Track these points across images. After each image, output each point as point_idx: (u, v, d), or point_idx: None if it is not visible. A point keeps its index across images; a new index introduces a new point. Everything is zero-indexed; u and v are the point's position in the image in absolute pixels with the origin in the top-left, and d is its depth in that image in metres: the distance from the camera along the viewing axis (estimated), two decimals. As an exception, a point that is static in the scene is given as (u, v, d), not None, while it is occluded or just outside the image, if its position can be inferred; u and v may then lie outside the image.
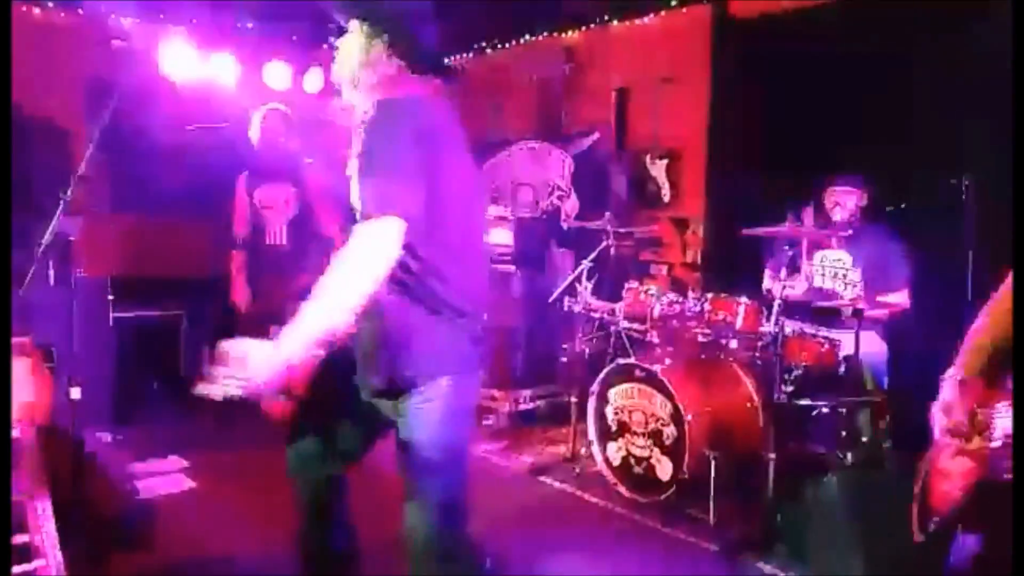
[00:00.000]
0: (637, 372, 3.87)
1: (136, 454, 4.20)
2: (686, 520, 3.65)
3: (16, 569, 2.62)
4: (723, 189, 5.28)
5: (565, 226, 5.87)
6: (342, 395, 2.19)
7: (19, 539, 2.67)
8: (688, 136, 5.49)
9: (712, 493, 3.58)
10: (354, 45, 2.13)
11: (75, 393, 2.09)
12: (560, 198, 6.20)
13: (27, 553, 2.66)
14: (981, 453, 1.76)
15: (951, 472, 1.85)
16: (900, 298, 3.99)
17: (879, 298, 3.96)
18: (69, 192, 2.11)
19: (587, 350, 4.48)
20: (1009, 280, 1.91)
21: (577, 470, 4.22)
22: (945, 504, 1.84)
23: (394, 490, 2.12)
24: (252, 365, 1.76)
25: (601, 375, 4.04)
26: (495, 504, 3.93)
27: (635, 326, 4.18)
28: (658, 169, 5.71)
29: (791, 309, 4.00)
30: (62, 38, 5.31)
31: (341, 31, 2.18)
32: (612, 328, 4.34)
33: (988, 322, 1.93)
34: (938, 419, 1.87)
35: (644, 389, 3.84)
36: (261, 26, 5.72)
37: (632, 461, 3.88)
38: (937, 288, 3.85)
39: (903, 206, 3.87)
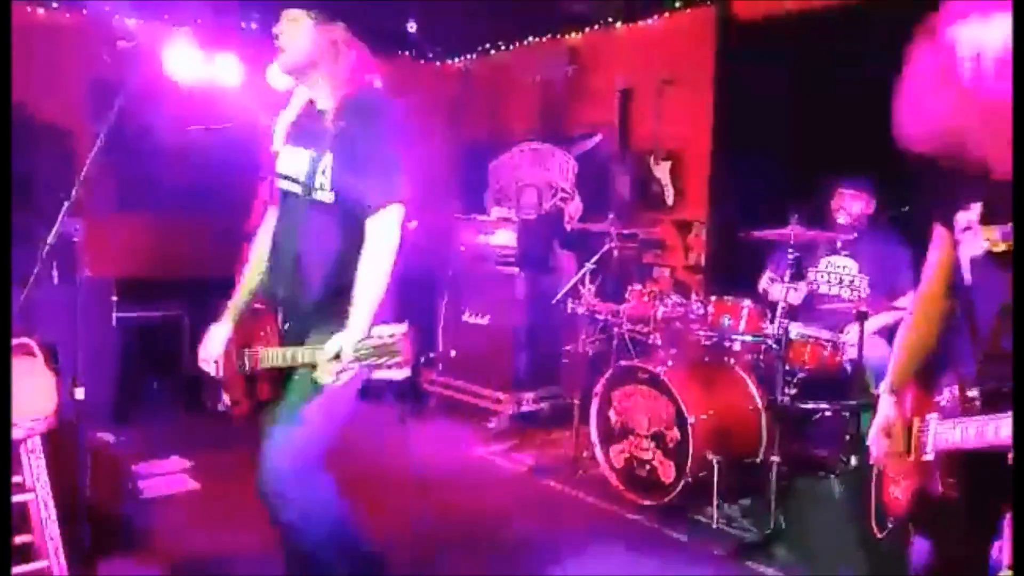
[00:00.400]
0: (640, 374, 3.87)
1: (139, 455, 4.19)
2: (689, 523, 3.65)
3: (18, 569, 2.63)
4: (727, 191, 5.27)
5: (568, 228, 5.87)
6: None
7: (21, 539, 2.68)
8: (692, 138, 5.48)
9: (715, 496, 3.58)
10: (306, 35, 2.21)
11: (79, 393, 2.09)
12: (563, 200, 6.20)
13: (29, 553, 2.67)
14: (919, 463, 1.76)
15: (898, 478, 1.86)
16: (907, 302, 3.98)
17: (895, 303, 3.96)
18: (73, 193, 2.11)
19: (590, 352, 4.47)
20: (927, 280, 1.90)
21: (580, 472, 4.22)
22: (898, 507, 1.86)
23: (394, 495, 2.13)
24: (348, 352, 1.95)
25: (604, 377, 4.04)
26: (496, 505, 3.94)
27: (638, 328, 4.18)
28: (661, 171, 5.70)
29: (795, 312, 4.01)
30: (66, 38, 5.32)
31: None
32: (615, 330, 4.34)
33: (911, 325, 1.93)
34: (878, 442, 1.85)
35: (647, 391, 3.83)
36: (265, 27, 5.72)
37: (635, 464, 3.87)
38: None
39: (906, 209, 3.85)
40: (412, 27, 6.12)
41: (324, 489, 2.27)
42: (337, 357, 1.97)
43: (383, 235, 2.13)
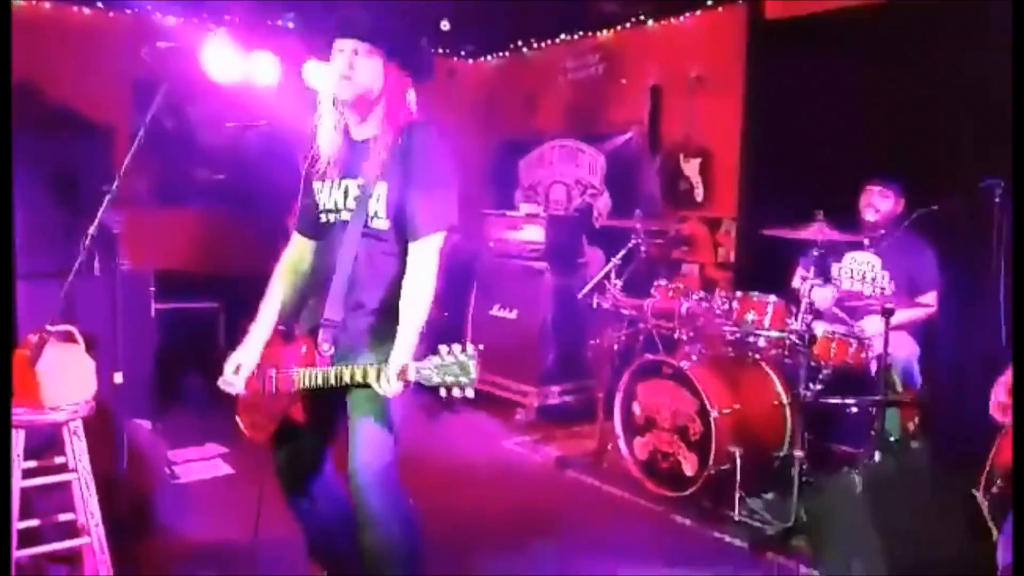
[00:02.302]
0: (664, 369, 3.91)
1: (175, 441, 4.32)
2: (710, 515, 3.68)
3: (61, 545, 2.76)
4: (756, 188, 5.28)
5: (597, 224, 5.91)
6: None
7: (64, 517, 2.81)
8: (722, 135, 5.49)
9: (737, 489, 3.61)
10: (378, 73, 2.26)
11: (118, 378, 2.20)
12: (592, 196, 6.24)
13: (73, 530, 2.79)
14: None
15: (1003, 445, 2.28)
16: (930, 300, 3.98)
17: (918, 299, 3.96)
18: (114, 187, 2.22)
19: (616, 346, 4.51)
20: None
21: (604, 465, 4.27)
22: (1003, 469, 2.30)
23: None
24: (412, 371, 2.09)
25: (628, 371, 4.08)
26: (521, 496, 4.01)
27: (663, 323, 4.21)
28: (691, 168, 5.73)
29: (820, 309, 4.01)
30: (111, 38, 5.48)
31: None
32: (641, 325, 4.38)
33: None
34: (997, 394, 2.35)
35: (671, 385, 3.87)
36: (302, 25, 5.83)
37: (658, 456, 3.91)
38: (968, 289, 3.84)
39: (934, 207, 3.84)
40: (445, 25, 6.19)
41: (404, 499, 2.38)
42: (402, 374, 2.07)
43: (426, 259, 2.25)
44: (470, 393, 2.03)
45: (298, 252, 2.54)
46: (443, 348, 2.05)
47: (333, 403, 2.36)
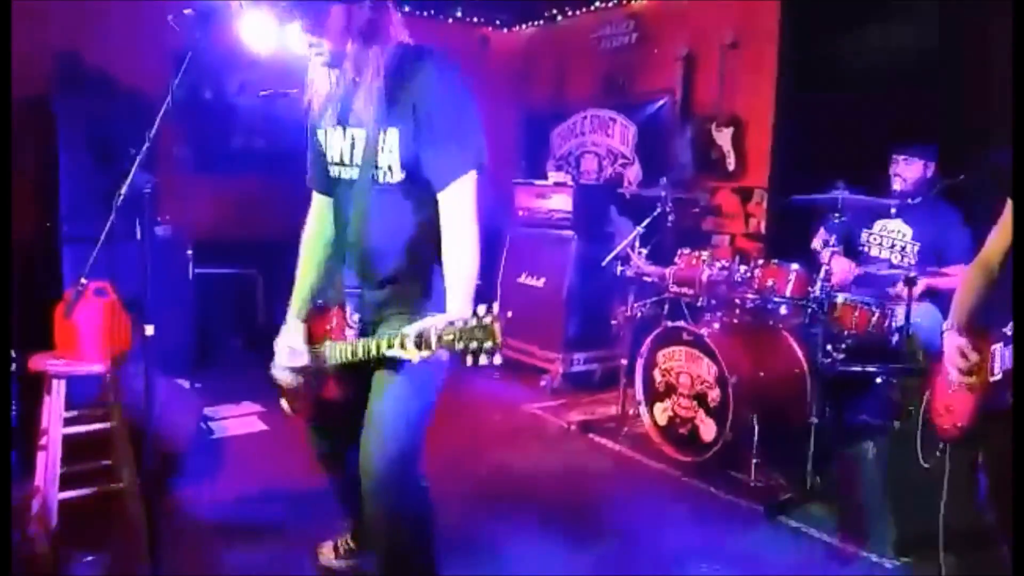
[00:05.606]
0: (684, 335, 3.95)
1: (214, 399, 4.50)
2: (726, 479, 3.74)
3: (99, 487, 2.92)
4: (789, 158, 5.24)
5: (627, 194, 5.93)
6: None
7: (105, 463, 2.98)
8: (755, 104, 5.45)
9: (753, 454, 3.66)
10: (338, 21, 1.98)
11: (149, 330, 2.30)
12: (624, 166, 6.25)
13: (109, 474, 2.97)
14: (982, 388, 2.13)
15: (953, 407, 2.25)
16: (957, 271, 3.94)
17: (945, 270, 3.92)
18: (143, 150, 2.32)
19: (639, 315, 4.56)
20: (994, 244, 2.26)
21: (625, 429, 4.34)
22: (951, 433, 2.28)
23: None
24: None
25: (650, 338, 4.13)
26: (544, 457, 4.11)
27: (684, 291, 4.24)
28: (723, 137, 5.69)
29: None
30: (155, 6, 5.59)
31: None
32: (666, 293, 4.42)
33: (971, 280, 2.31)
34: (956, 362, 2.20)
35: (691, 352, 3.92)
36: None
37: (677, 422, 3.97)
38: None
39: (960, 178, 3.80)
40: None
41: (417, 495, 2.16)
42: (424, 342, 1.76)
43: (460, 206, 1.96)
44: (497, 360, 1.69)
45: (319, 213, 2.36)
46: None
47: (365, 375, 2.16)
